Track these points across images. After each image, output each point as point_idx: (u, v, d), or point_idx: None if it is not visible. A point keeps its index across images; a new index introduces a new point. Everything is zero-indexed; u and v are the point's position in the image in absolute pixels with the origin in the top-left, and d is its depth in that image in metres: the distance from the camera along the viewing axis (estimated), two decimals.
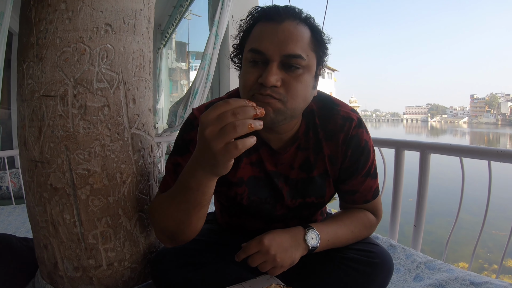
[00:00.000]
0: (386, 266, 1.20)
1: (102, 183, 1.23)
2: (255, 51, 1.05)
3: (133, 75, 1.29)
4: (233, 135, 0.83)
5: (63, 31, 1.17)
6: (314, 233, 1.16)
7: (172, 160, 1.23)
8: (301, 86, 1.06)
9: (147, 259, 1.41)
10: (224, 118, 0.83)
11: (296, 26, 1.05)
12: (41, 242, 1.31)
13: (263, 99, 1.03)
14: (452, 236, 1.97)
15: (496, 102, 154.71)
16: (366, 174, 1.26)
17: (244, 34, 1.15)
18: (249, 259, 1.11)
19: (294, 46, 1.03)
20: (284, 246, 1.10)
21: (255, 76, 1.05)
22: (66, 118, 1.18)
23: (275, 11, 1.06)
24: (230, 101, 0.85)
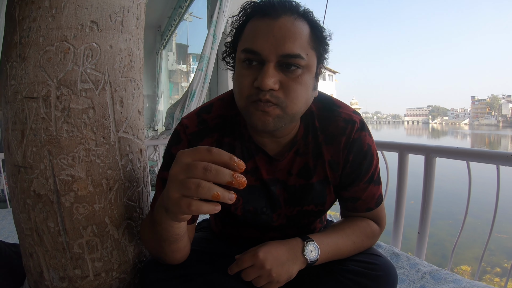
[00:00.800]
0: (390, 279, 1.12)
1: (87, 190, 1.16)
2: (249, 51, 0.97)
3: (121, 75, 1.22)
4: (193, 193, 0.74)
5: (46, 29, 1.10)
6: (313, 246, 1.08)
7: (161, 175, 1.18)
8: (301, 88, 0.98)
9: (136, 269, 1.34)
10: (193, 170, 0.74)
11: (293, 22, 0.96)
12: (27, 250, 1.25)
13: (263, 108, 0.96)
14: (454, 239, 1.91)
15: (497, 103, 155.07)
16: (369, 180, 1.18)
17: (237, 32, 1.07)
18: (242, 273, 1.04)
19: (292, 44, 0.95)
20: (281, 260, 1.03)
21: (250, 79, 0.97)
22: (49, 121, 1.11)
23: (270, 5, 0.97)
24: (213, 151, 0.75)
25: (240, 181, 0.73)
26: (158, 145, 3.65)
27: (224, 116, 1.17)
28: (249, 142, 1.15)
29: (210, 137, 1.15)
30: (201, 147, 0.76)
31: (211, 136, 1.15)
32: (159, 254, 1.09)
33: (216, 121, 1.17)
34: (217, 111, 1.18)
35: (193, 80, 3.44)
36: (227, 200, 0.74)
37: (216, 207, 0.76)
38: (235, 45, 1.09)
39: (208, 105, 1.21)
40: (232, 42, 1.10)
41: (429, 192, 1.96)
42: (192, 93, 3.41)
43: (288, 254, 1.06)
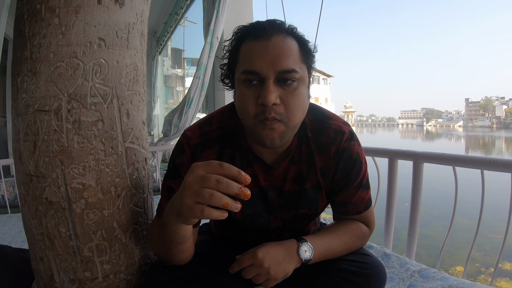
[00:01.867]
0: (379, 277, 1.21)
1: (97, 197, 1.24)
2: (249, 72, 1.06)
3: (127, 89, 1.30)
4: (206, 201, 0.83)
5: (56, 45, 1.17)
6: (307, 246, 1.17)
7: (166, 183, 1.26)
8: (298, 99, 1.07)
9: (142, 271, 1.41)
10: (207, 181, 0.83)
11: (284, 40, 1.06)
12: (37, 254, 1.31)
13: (270, 126, 1.05)
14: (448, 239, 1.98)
15: (491, 105, 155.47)
16: (358, 185, 1.27)
17: (232, 55, 1.15)
18: (243, 271, 1.12)
19: (287, 61, 1.04)
20: (278, 259, 1.11)
21: (254, 98, 1.06)
22: (61, 133, 1.18)
23: (261, 27, 1.07)
24: (224, 166, 0.85)
25: (246, 193, 0.85)
26: (156, 152, 3.72)
27: (224, 128, 1.26)
28: (247, 152, 1.24)
29: (212, 148, 1.23)
30: (214, 162, 0.86)
31: (212, 147, 1.23)
32: (166, 255, 1.16)
33: (216, 133, 1.25)
34: (217, 124, 1.27)
35: (190, 88, 3.51)
36: (234, 209, 0.84)
37: (224, 214, 0.86)
38: (232, 67, 1.17)
39: (209, 118, 1.30)
40: (229, 64, 1.19)
41: (417, 196, 2.06)
42: (190, 100, 3.48)
43: (285, 254, 1.14)
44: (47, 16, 1.18)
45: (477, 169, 1.79)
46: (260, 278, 1.11)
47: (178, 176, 1.22)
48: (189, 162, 1.20)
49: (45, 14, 1.18)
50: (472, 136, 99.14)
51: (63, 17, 1.17)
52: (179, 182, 1.09)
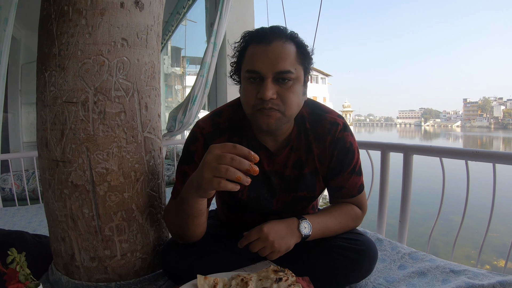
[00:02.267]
0: (371, 253, 1.36)
1: (118, 181, 1.37)
2: (251, 71, 1.23)
3: (145, 84, 1.44)
4: (222, 175, 1.00)
5: (84, 44, 1.31)
6: (306, 223, 1.32)
7: (180, 169, 1.41)
8: (293, 95, 1.24)
9: (155, 251, 1.55)
10: (223, 159, 1.00)
11: (283, 45, 1.23)
12: (59, 235, 1.44)
13: (268, 113, 1.22)
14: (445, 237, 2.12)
15: (489, 105, 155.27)
16: (351, 171, 1.42)
17: (240, 55, 1.33)
18: (250, 245, 1.26)
19: (283, 63, 1.21)
20: (281, 234, 1.26)
21: (254, 92, 1.23)
22: (87, 122, 1.32)
23: (264, 33, 1.24)
24: (237, 147, 1.02)
25: (255, 169, 1.01)
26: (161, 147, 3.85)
27: (232, 119, 1.42)
28: (253, 140, 1.39)
29: (222, 136, 1.38)
30: (228, 144, 1.03)
31: (222, 136, 1.39)
32: (182, 231, 1.30)
33: (226, 124, 1.41)
34: (226, 116, 1.43)
35: (194, 86, 3.64)
36: (245, 182, 1.00)
37: (236, 186, 1.02)
38: (239, 65, 1.34)
39: (219, 111, 1.46)
40: (236, 63, 1.36)
41: (407, 185, 2.22)
42: (194, 97, 3.61)
43: (287, 229, 1.29)
44: (75, 17, 1.31)
45: (462, 159, 1.94)
46: (266, 251, 1.25)
47: (192, 161, 1.36)
48: (202, 149, 1.35)
49: (72, 15, 1.31)
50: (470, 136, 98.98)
51: (89, 18, 1.31)
52: (193, 167, 1.29)
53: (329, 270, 1.34)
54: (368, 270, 1.39)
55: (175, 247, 1.39)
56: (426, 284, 1.45)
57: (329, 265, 1.34)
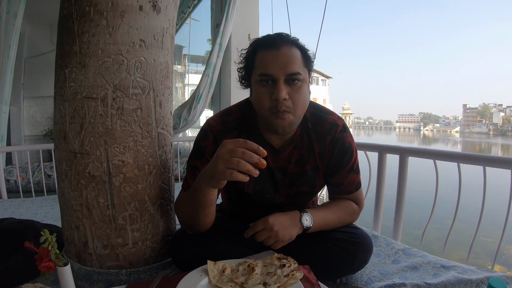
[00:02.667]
0: (366, 245, 1.47)
1: (133, 173, 1.47)
2: (264, 74, 1.34)
3: (160, 83, 1.53)
4: (234, 167, 1.10)
5: (104, 43, 1.40)
6: (308, 216, 1.43)
7: (191, 163, 1.51)
8: (301, 95, 1.36)
9: (164, 241, 1.64)
10: (235, 152, 1.11)
11: (290, 50, 1.35)
12: (73, 223, 1.52)
13: (282, 116, 1.33)
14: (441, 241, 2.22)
15: (488, 112, 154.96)
16: (349, 169, 1.54)
17: (249, 61, 1.43)
18: (256, 235, 1.36)
19: (293, 66, 1.33)
20: (285, 225, 1.36)
21: (268, 95, 1.35)
22: (106, 117, 1.41)
23: (272, 40, 1.36)
24: (248, 142, 1.12)
25: (263, 163, 1.12)
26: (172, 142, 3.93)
27: (240, 118, 1.52)
28: (259, 138, 1.50)
29: (231, 134, 1.49)
30: (240, 139, 1.13)
31: (231, 133, 1.49)
32: (193, 220, 1.40)
33: (234, 122, 1.52)
34: (235, 115, 1.53)
35: (199, 85, 3.74)
36: (254, 173, 1.10)
37: (246, 177, 1.12)
38: (249, 71, 1.45)
39: (228, 110, 1.56)
40: (246, 68, 1.46)
41: (402, 185, 2.34)
42: (199, 96, 3.70)
43: (290, 221, 1.40)
44: (96, 18, 1.40)
45: (454, 162, 2.05)
46: (270, 240, 1.35)
47: (203, 156, 1.47)
48: (212, 145, 1.46)
49: (93, 16, 1.39)
50: (468, 142, 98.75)
51: (110, 19, 1.40)
52: (203, 161, 1.41)
53: (327, 260, 1.44)
54: (363, 261, 1.49)
55: (184, 236, 1.49)
56: (417, 277, 1.55)
57: (328, 255, 1.44)
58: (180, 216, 1.47)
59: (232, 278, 1.18)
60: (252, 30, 4.46)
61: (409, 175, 2.34)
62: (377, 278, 1.56)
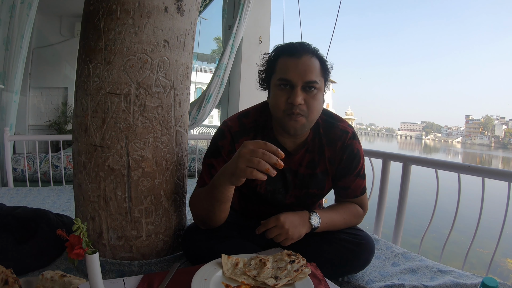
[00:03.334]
0: (369, 246, 1.55)
1: (151, 168, 1.53)
2: (284, 80, 1.42)
3: (180, 83, 1.60)
4: (254, 166, 1.18)
5: (130, 42, 1.46)
6: (316, 216, 1.50)
7: (207, 161, 1.57)
8: (316, 102, 1.44)
9: (176, 235, 1.70)
10: (256, 153, 1.18)
11: (310, 59, 1.43)
12: (89, 214, 1.57)
13: (296, 118, 1.41)
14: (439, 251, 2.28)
15: (490, 124, 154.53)
16: (356, 174, 1.62)
17: (271, 65, 1.51)
18: (267, 232, 1.43)
19: (311, 74, 1.41)
20: (295, 223, 1.43)
21: (285, 98, 1.43)
22: (128, 113, 1.47)
23: (295, 48, 1.44)
24: (268, 144, 1.20)
25: (281, 164, 1.19)
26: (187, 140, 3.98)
27: (257, 121, 1.59)
28: (274, 141, 1.56)
29: (247, 135, 1.55)
30: (260, 141, 1.20)
31: (248, 135, 1.56)
32: (208, 214, 1.46)
33: (251, 124, 1.58)
34: (252, 117, 1.60)
35: (210, 84, 3.80)
36: (272, 173, 1.18)
37: (264, 176, 1.19)
38: (269, 74, 1.52)
39: (246, 112, 1.63)
40: (266, 71, 1.54)
41: (404, 192, 2.42)
42: (209, 96, 3.76)
43: (300, 220, 1.47)
44: (123, 16, 1.45)
45: (455, 172, 2.13)
46: (281, 237, 1.42)
47: (219, 155, 1.54)
48: (229, 145, 1.53)
49: (120, 14, 1.45)
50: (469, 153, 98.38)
51: (136, 19, 1.46)
52: (220, 160, 1.49)
53: (332, 258, 1.51)
54: (366, 261, 1.57)
55: (197, 231, 1.55)
56: (415, 280, 1.61)
57: (333, 254, 1.51)
58: (195, 211, 1.53)
59: (245, 271, 1.25)
60: (263, 33, 4.54)
61: (410, 187, 2.42)
62: (377, 279, 1.63)
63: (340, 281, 1.60)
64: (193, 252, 1.53)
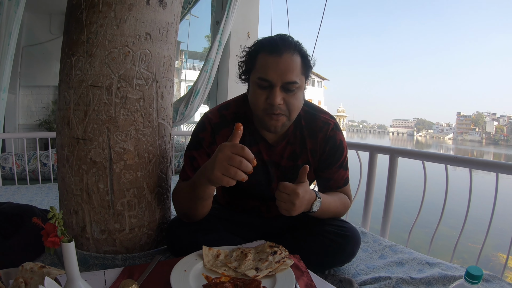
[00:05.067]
0: (355, 238, 1.54)
1: (133, 160, 1.52)
2: (262, 79, 1.39)
3: (163, 75, 1.59)
4: (231, 176, 1.16)
5: (111, 35, 1.45)
6: (319, 203, 1.45)
7: (188, 153, 1.56)
8: (296, 101, 1.43)
9: (160, 228, 1.69)
10: (233, 160, 1.15)
11: (291, 57, 1.39)
12: (72, 208, 1.56)
13: (276, 118, 1.41)
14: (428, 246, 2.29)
15: (482, 120, 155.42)
16: (339, 165, 1.62)
17: (250, 60, 1.47)
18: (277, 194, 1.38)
19: (291, 75, 1.38)
20: (303, 201, 1.37)
21: (264, 97, 1.41)
22: (110, 105, 1.46)
23: (275, 44, 1.39)
24: (245, 150, 1.16)
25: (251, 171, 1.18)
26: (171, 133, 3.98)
27: (238, 113, 1.59)
28: (255, 133, 1.57)
29: (228, 127, 1.54)
30: (238, 145, 1.17)
31: (228, 127, 1.54)
32: (190, 210, 1.46)
33: (232, 116, 1.57)
34: (233, 109, 1.59)
35: (197, 80, 3.80)
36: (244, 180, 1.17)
37: (234, 182, 1.18)
38: (248, 68, 1.49)
39: (226, 104, 1.62)
40: (246, 65, 1.50)
41: (392, 184, 2.43)
42: (196, 91, 3.76)
43: (308, 199, 1.41)
44: (104, 10, 1.45)
45: (442, 164, 2.15)
46: (285, 206, 1.36)
47: (200, 147, 1.53)
48: (210, 137, 1.52)
49: (102, 7, 1.45)
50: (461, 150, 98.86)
51: (118, 12, 1.45)
52: (201, 152, 1.49)
53: (317, 250, 1.50)
54: (351, 253, 1.56)
55: (181, 224, 1.54)
56: (403, 272, 1.62)
57: (318, 246, 1.51)
58: (178, 205, 1.53)
59: (226, 263, 1.24)
60: (251, 29, 4.53)
61: (399, 182, 2.43)
62: (363, 272, 1.63)
63: (326, 273, 1.60)
64: (177, 246, 1.52)
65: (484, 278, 1.53)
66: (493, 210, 2.00)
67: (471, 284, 0.93)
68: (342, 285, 1.49)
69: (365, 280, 1.56)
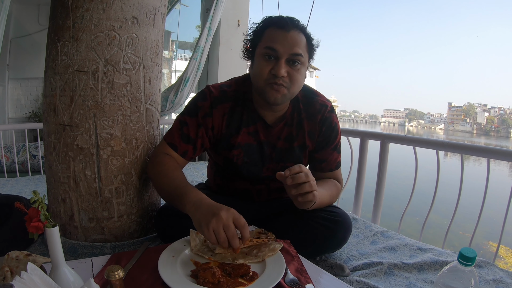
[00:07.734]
0: (346, 223, 1.54)
1: (121, 146, 1.50)
2: (270, 48, 1.40)
3: (150, 60, 1.56)
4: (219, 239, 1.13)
5: (97, 19, 1.42)
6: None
7: (181, 117, 1.54)
8: (299, 76, 1.44)
9: (149, 216, 1.68)
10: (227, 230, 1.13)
11: (298, 35, 1.42)
12: (60, 196, 1.54)
13: (278, 88, 1.41)
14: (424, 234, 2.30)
15: (473, 111, 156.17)
16: (333, 148, 1.64)
17: (257, 35, 1.48)
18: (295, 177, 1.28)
19: (297, 48, 1.40)
20: None
21: (269, 68, 1.41)
22: (96, 90, 1.44)
23: (284, 21, 1.42)
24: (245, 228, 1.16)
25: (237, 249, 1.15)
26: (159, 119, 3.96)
27: (238, 91, 1.58)
28: (253, 112, 1.57)
29: (226, 103, 1.54)
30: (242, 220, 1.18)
31: (227, 103, 1.54)
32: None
33: (232, 93, 1.57)
34: (234, 87, 1.59)
35: (187, 68, 3.77)
36: None
37: None
38: (254, 43, 1.49)
39: (229, 83, 1.62)
40: (252, 41, 1.51)
41: (383, 170, 2.44)
42: (186, 79, 3.73)
43: None
44: None
45: (433, 149, 2.16)
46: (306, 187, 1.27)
47: (195, 115, 1.51)
48: (207, 108, 1.51)
49: None
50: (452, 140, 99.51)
51: None
52: (193, 120, 1.50)
53: (308, 236, 1.50)
54: (343, 239, 1.55)
55: (170, 211, 1.52)
56: (394, 258, 1.62)
57: (309, 232, 1.50)
58: (156, 188, 1.50)
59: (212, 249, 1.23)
60: (242, 17, 4.50)
61: (390, 171, 2.42)
62: (355, 257, 1.63)
63: (318, 259, 1.59)
64: (167, 233, 1.50)
65: (476, 264, 1.53)
66: (484, 195, 2.01)
67: (464, 266, 0.92)
68: (333, 271, 1.49)
69: (357, 265, 1.56)
